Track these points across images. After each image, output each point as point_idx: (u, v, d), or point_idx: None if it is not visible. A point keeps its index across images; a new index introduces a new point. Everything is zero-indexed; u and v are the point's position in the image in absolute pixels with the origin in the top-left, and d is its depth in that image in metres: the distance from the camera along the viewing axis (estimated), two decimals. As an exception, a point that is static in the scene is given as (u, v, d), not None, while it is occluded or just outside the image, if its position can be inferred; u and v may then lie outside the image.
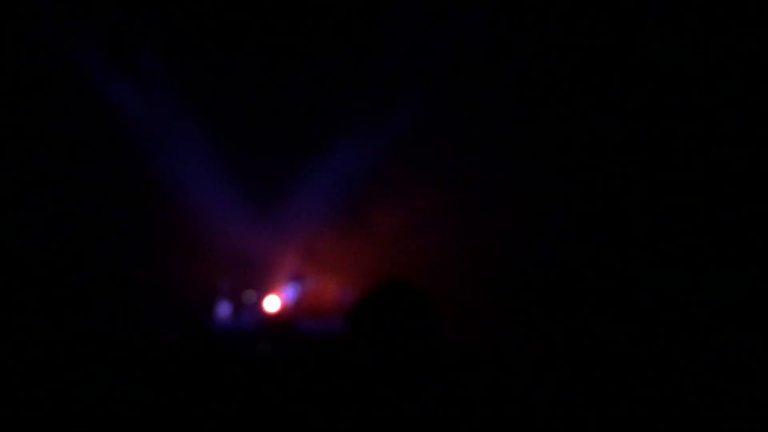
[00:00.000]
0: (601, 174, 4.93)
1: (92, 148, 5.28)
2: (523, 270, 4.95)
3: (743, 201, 4.50)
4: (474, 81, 5.21)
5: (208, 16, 5.29)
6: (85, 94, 5.36)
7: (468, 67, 5.23)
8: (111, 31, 5.38)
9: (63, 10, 5.27)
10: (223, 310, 5.52)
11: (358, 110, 5.53)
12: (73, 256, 5.13)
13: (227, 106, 5.45)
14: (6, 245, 5.00)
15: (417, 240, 5.31)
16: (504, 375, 4.04)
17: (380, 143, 5.50)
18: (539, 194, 5.03)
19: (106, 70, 5.45)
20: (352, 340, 2.01)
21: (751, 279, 4.31)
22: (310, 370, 4.12)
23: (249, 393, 3.96)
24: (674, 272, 4.55)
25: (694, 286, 4.44)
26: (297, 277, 5.61)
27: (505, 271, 4.97)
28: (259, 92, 5.42)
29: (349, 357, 2.00)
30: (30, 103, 5.16)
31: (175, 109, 5.57)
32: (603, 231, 4.84)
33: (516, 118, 5.08)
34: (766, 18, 4.43)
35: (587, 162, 4.97)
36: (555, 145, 5.02)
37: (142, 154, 5.49)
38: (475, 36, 5.19)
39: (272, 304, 5.52)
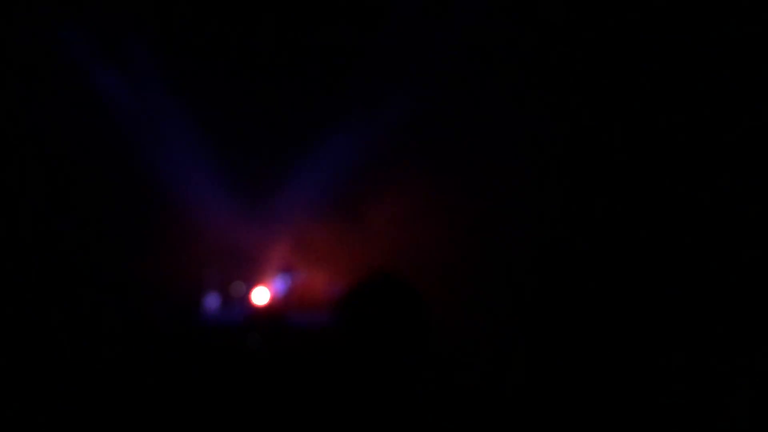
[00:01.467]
0: (600, 171, 4.92)
1: (79, 141, 5.25)
2: (519, 265, 4.93)
3: (743, 201, 4.49)
4: (470, 74, 5.18)
5: (198, 8, 5.25)
6: (74, 87, 5.32)
7: (464, 61, 5.20)
8: (100, 22, 5.34)
9: (53, 2, 5.23)
10: (212, 302, 5.50)
11: (351, 101, 5.50)
12: (58, 249, 5.10)
13: (216, 97, 5.41)
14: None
15: (409, 233, 5.29)
16: (497, 370, 4.03)
17: (373, 135, 5.48)
18: (537, 190, 5.01)
19: (95, 62, 5.41)
20: (342, 333, 2.00)
21: (751, 279, 4.30)
22: (299, 363, 4.11)
23: (237, 386, 3.95)
24: (673, 272, 4.54)
25: (693, 286, 4.43)
26: (286, 269, 5.59)
27: (500, 265, 4.96)
28: (249, 83, 5.38)
29: (339, 350, 1.99)
30: (18, 96, 5.11)
31: (164, 100, 5.54)
32: (602, 227, 4.83)
33: (513, 113, 5.06)
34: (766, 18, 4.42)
35: (586, 158, 4.95)
36: (553, 142, 5.00)
37: (130, 145, 5.45)
38: (472, 29, 5.17)
39: (261, 296, 5.50)
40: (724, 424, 3.34)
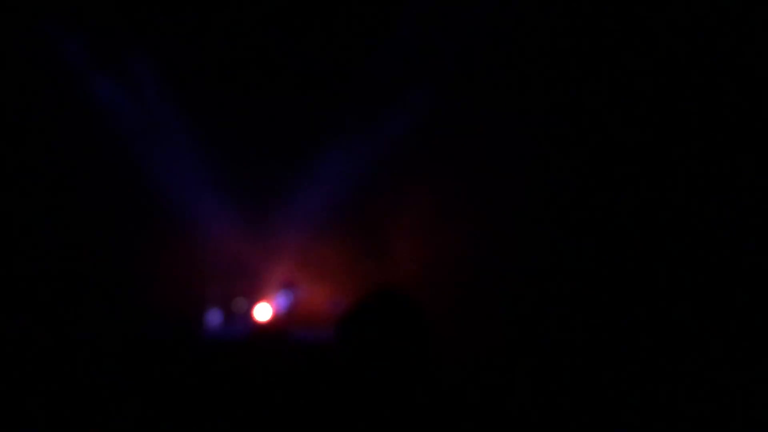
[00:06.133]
0: (603, 178, 4.90)
1: (80, 151, 5.24)
2: (523, 278, 4.91)
3: (743, 201, 4.49)
4: (472, 84, 5.18)
5: (199, 16, 5.26)
6: (74, 96, 5.32)
7: (467, 70, 5.20)
8: (100, 30, 5.34)
9: (52, 9, 5.24)
10: (214, 318, 5.48)
11: (353, 114, 5.50)
12: (58, 262, 5.09)
13: (219, 110, 5.41)
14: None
15: (412, 247, 5.28)
16: (499, 384, 4.01)
17: (376, 148, 5.47)
18: (539, 200, 5.00)
19: (95, 71, 5.41)
20: (343, 350, 1.99)
21: (750, 278, 4.30)
22: (302, 379, 4.10)
23: (239, 402, 3.94)
24: (674, 275, 4.53)
25: (694, 288, 4.42)
26: (289, 285, 5.58)
27: (503, 279, 4.94)
28: (252, 96, 5.38)
29: (341, 366, 1.98)
30: (17, 103, 5.12)
31: (165, 113, 5.54)
32: (604, 236, 4.81)
33: (516, 122, 5.05)
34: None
35: (588, 167, 4.94)
36: (555, 150, 4.99)
37: (132, 158, 5.45)
38: (476, 38, 5.17)
39: (263, 312, 5.49)
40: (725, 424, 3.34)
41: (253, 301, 5.54)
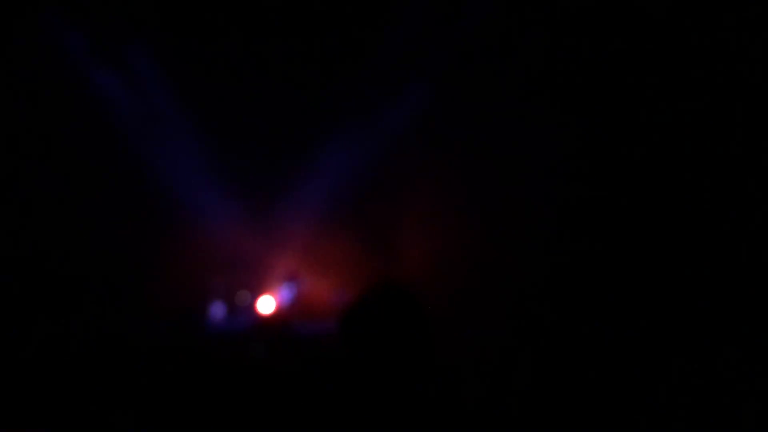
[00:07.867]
0: (603, 176, 4.89)
1: (80, 145, 5.24)
2: (524, 272, 4.91)
3: (743, 201, 4.48)
4: (473, 79, 5.17)
5: (200, 10, 5.25)
6: (73, 89, 5.31)
7: (467, 65, 5.19)
8: (101, 23, 5.34)
9: (53, 2, 5.23)
10: (217, 311, 5.49)
11: (356, 108, 5.49)
12: (60, 256, 5.09)
13: (220, 102, 5.41)
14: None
15: (414, 241, 5.28)
16: (501, 379, 4.01)
17: (378, 141, 5.47)
18: (540, 195, 4.99)
19: (95, 64, 5.41)
20: (346, 343, 1.99)
21: (751, 278, 4.29)
22: (304, 372, 4.09)
23: (242, 395, 3.94)
24: (675, 275, 4.52)
25: (693, 289, 4.42)
26: (292, 278, 5.58)
27: (505, 272, 4.94)
28: (254, 89, 5.38)
29: (344, 359, 1.98)
30: (18, 96, 5.12)
31: (167, 106, 5.53)
32: (604, 233, 4.81)
33: (516, 118, 5.04)
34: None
35: (591, 164, 4.93)
36: (556, 146, 4.98)
37: (133, 151, 5.45)
38: (476, 33, 5.16)
39: (266, 305, 5.50)
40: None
41: (256, 294, 5.55)
